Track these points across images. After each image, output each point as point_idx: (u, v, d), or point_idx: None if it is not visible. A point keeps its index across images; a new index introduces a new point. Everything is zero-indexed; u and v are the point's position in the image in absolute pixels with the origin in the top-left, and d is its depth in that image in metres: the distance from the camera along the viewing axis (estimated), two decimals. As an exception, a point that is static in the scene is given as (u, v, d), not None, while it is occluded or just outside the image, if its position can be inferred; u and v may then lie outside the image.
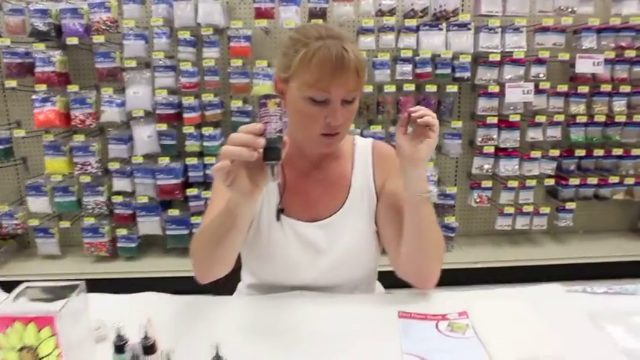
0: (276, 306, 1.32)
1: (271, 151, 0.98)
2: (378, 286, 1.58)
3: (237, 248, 1.23)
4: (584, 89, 3.27)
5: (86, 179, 3.23)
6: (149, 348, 0.99)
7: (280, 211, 1.37)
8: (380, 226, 1.40)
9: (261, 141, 0.98)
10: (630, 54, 3.25)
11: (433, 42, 3.13)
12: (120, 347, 0.99)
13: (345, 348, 1.15)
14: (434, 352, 1.14)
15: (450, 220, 3.34)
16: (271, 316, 1.29)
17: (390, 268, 1.39)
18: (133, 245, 3.35)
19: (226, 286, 1.64)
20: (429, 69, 3.18)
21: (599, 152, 3.39)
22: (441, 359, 1.11)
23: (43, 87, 3.08)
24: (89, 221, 3.29)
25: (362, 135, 3.18)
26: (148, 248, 3.47)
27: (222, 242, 1.18)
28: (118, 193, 3.29)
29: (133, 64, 3.09)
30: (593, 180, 3.39)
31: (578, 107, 3.31)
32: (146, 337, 0.99)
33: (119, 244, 3.34)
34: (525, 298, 1.34)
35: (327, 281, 1.38)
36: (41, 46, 3.06)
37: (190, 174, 3.23)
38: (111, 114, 3.14)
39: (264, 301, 1.37)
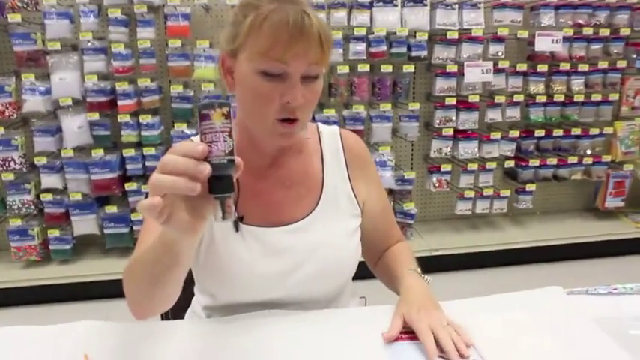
0: (240, 330, 1.11)
1: (220, 181, 0.71)
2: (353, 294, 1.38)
3: (181, 283, 0.99)
4: (543, 68, 3.17)
5: (9, 177, 2.90)
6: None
7: (239, 220, 1.15)
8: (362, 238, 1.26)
9: (205, 169, 0.71)
10: (588, 31, 3.17)
11: (388, 19, 2.97)
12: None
13: None
14: None
15: (409, 206, 3.19)
16: (234, 344, 1.09)
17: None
18: (68, 247, 3.05)
19: (177, 306, 1.42)
20: (383, 48, 3.00)
21: (557, 132, 3.31)
22: None
23: (-48, 74, 2.72)
24: (16, 223, 2.97)
25: (313, 120, 2.98)
26: (85, 249, 3.18)
27: (160, 281, 0.92)
28: (48, 190, 2.98)
29: (58, 46, 2.78)
30: (552, 161, 3.33)
31: (537, 86, 3.22)
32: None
33: (52, 247, 3.03)
34: (524, 306, 1.19)
35: (300, 296, 1.18)
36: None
37: (128, 167, 2.96)
38: (34, 103, 2.82)
39: (224, 324, 1.16)
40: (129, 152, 2.94)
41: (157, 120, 2.97)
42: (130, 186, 2.95)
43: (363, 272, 1.30)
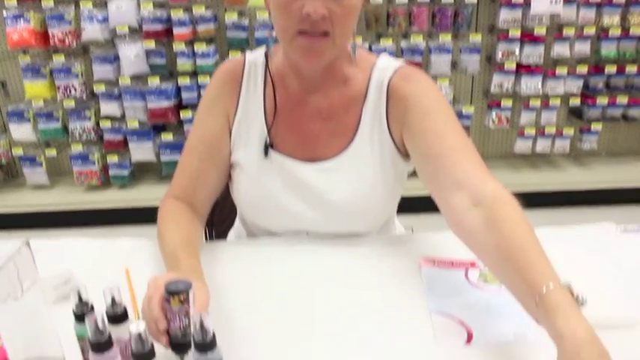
0: (277, 252, 1.13)
1: (178, 346, 0.81)
2: (397, 224, 1.35)
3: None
4: (620, -2, 2.93)
5: (71, 104, 2.98)
6: (117, 317, 0.78)
7: (269, 146, 1.13)
8: (422, 180, 1.08)
9: (164, 339, 0.80)
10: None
11: (450, -57, 2.80)
12: (80, 316, 0.78)
13: (359, 306, 0.97)
14: (466, 310, 0.94)
15: (466, 143, 3.08)
16: (270, 265, 1.11)
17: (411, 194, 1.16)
18: (126, 173, 3.15)
19: (221, 226, 1.44)
20: (445, -25, 2.84)
21: (631, 69, 3.08)
22: (478, 320, 0.91)
23: (13, 2, 2.76)
24: (77, 148, 3.08)
25: (370, 49, 2.90)
26: (142, 175, 3.27)
27: None
28: (107, 117, 3.05)
29: (114, -28, 2.77)
30: (623, 99, 3.12)
31: (611, 19, 2.99)
32: (113, 304, 0.78)
33: (111, 172, 3.14)
34: (573, 240, 1.14)
35: (323, 230, 1.17)
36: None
37: (184, 95, 2.99)
38: (93, 31, 2.85)
39: (262, 246, 1.17)
40: (184, 81, 2.95)
41: (212, 48, 2.95)
42: (185, 114, 2.98)
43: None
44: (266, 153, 1.12)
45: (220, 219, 1.43)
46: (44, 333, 0.82)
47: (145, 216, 1.22)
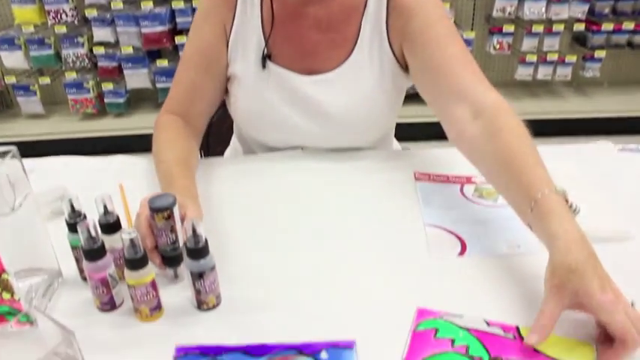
0: (273, 167, 1.13)
1: (168, 260, 0.81)
2: (395, 143, 1.35)
3: None
4: None
5: (62, 29, 2.91)
6: (110, 226, 0.78)
7: (267, 57, 1.10)
8: (421, 93, 1.08)
9: (156, 259, 0.80)
10: None
11: None
12: (73, 225, 0.78)
13: (355, 218, 0.97)
14: (461, 223, 0.94)
15: (466, 70, 3.03)
16: (266, 179, 1.11)
17: (405, 120, 1.15)
18: (122, 100, 3.11)
19: (218, 143, 1.43)
20: None
21: (640, -8, 3.00)
22: (472, 233, 0.92)
23: None
24: (71, 76, 3.03)
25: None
26: (138, 103, 3.24)
27: None
28: (100, 43, 2.98)
29: None
30: (629, 25, 3.03)
31: (621, -64, 2.87)
32: (106, 213, 0.78)
33: (106, 100, 3.11)
34: (570, 157, 1.13)
35: (323, 144, 1.16)
36: None
37: (178, 20, 2.92)
38: (82, -49, 2.74)
39: (258, 162, 1.16)
40: (178, 4, 2.87)
41: (206, -30, 2.84)
42: (180, 39, 2.91)
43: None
44: (264, 65, 1.10)
45: (216, 142, 1.42)
46: (39, 245, 0.83)
47: (142, 143, 1.21)
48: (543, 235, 0.73)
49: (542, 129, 3.39)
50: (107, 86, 3.05)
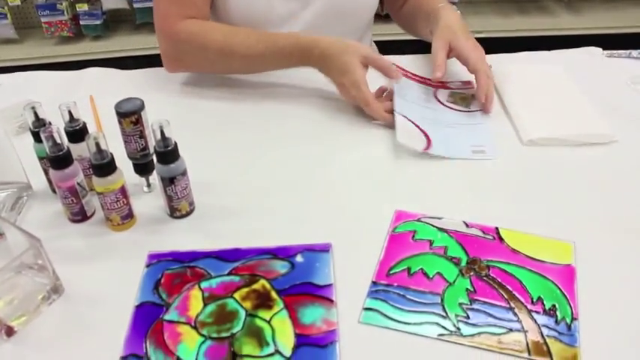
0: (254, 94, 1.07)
1: (139, 167, 0.79)
2: (374, 49, 1.31)
3: None
4: None
5: (30, -56, 2.74)
6: (75, 134, 0.74)
7: None
8: None
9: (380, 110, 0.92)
10: None
11: None
12: (38, 134, 0.74)
13: (332, 122, 0.97)
14: (429, 123, 0.92)
15: (454, -15, 2.93)
16: (246, 84, 1.06)
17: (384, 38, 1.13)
18: (98, 22, 2.97)
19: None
20: None
21: None
22: (439, 134, 0.90)
23: None
24: (43, -3, 2.88)
25: None
26: (116, 25, 3.10)
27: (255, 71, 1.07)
28: (71, -40, 2.83)
29: None
30: None
31: None
32: (72, 120, 0.75)
33: (82, 22, 2.96)
34: (556, 62, 1.10)
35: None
36: None
37: None
38: None
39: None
40: None
41: None
42: (155, -44, 2.76)
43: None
44: None
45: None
46: (6, 160, 0.80)
47: (121, 66, 1.14)
48: (435, 22, 1.01)
49: (532, 45, 3.34)
50: (82, 7, 2.91)
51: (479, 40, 1.02)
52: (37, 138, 0.76)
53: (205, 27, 1.01)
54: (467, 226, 0.72)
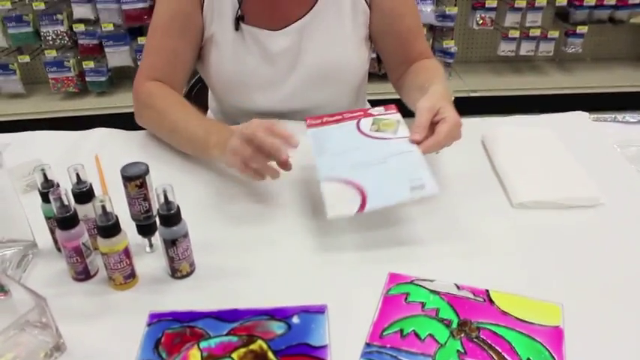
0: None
1: (142, 228, 0.82)
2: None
3: None
4: None
5: (41, 6, 2.85)
6: (81, 195, 0.78)
7: (239, 19, 1.11)
8: (377, 49, 1.23)
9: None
10: None
11: None
12: (46, 195, 0.78)
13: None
14: (360, 167, 0.86)
15: (449, 44, 3.03)
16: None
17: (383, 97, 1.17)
18: (104, 79, 3.07)
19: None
20: None
21: (623, -34, 2.99)
22: (373, 178, 0.84)
23: None
24: (51, 54, 2.97)
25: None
26: (121, 82, 3.19)
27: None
28: (80, 20, 2.93)
29: None
30: (611, 0, 3.03)
31: None
32: (79, 182, 0.78)
33: (88, 79, 3.06)
34: (544, 125, 1.14)
35: (300, 104, 1.17)
36: None
37: (159, -3, 2.85)
38: None
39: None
40: (158, -19, 2.82)
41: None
42: (160, 17, 2.87)
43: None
44: (237, 27, 1.11)
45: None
46: (13, 217, 0.82)
47: (125, 121, 1.19)
48: (425, 91, 0.96)
49: (524, 105, 3.42)
50: (88, 64, 3.00)
51: (473, 98, 1.06)
52: (45, 198, 0.79)
53: (162, 92, 1.10)
54: (458, 288, 0.74)
